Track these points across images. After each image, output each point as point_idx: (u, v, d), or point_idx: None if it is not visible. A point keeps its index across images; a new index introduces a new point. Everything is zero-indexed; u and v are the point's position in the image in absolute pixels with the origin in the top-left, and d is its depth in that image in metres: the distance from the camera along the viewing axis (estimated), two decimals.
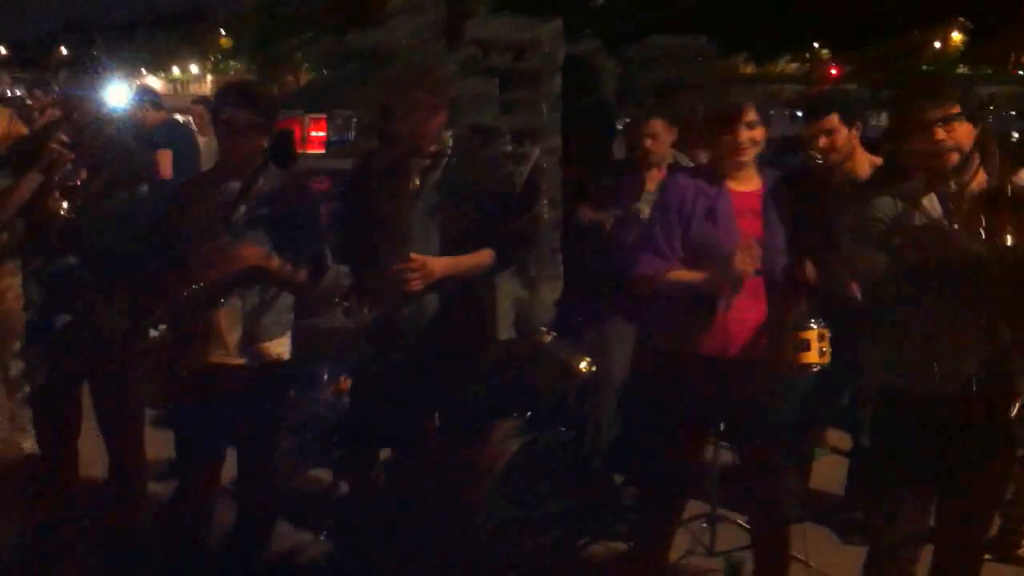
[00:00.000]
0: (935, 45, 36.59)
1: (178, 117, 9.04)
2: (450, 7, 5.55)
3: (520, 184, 4.34)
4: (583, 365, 4.23)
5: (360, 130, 5.74)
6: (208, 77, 40.53)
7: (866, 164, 4.08)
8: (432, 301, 3.22)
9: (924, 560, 2.99)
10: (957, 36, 36.93)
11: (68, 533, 3.64)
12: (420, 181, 3.13)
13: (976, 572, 2.97)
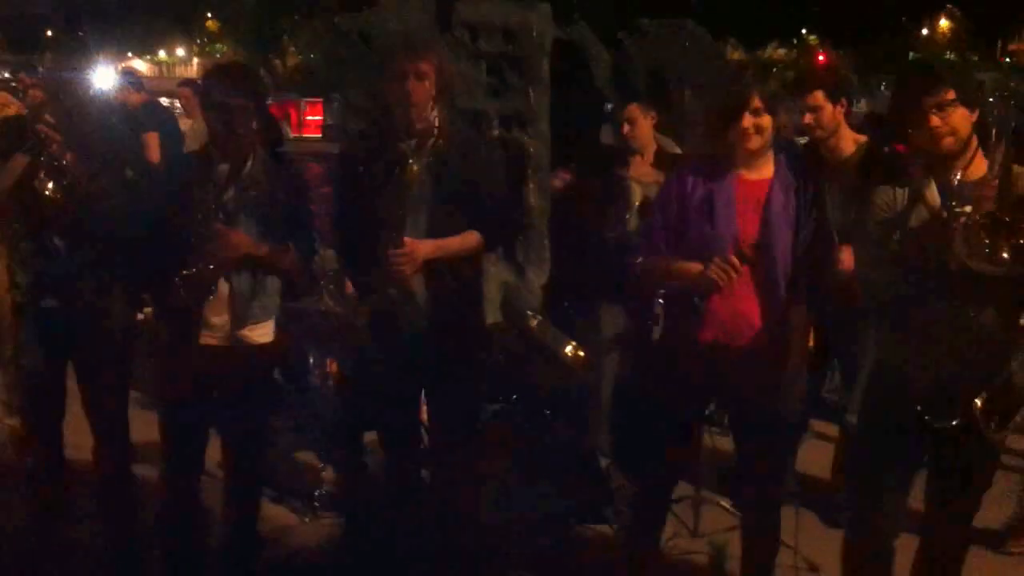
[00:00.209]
0: (923, 32, 36.61)
1: (164, 100, 9.01)
2: None
3: (508, 168, 4.34)
4: (568, 350, 4.24)
5: (350, 113, 5.72)
6: (195, 60, 40.28)
7: (851, 141, 4.14)
8: (420, 284, 3.22)
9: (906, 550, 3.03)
10: (945, 24, 36.93)
11: (54, 515, 3.64)
12: (409, 164, 3.12)
13: (962, 555, 3.00)
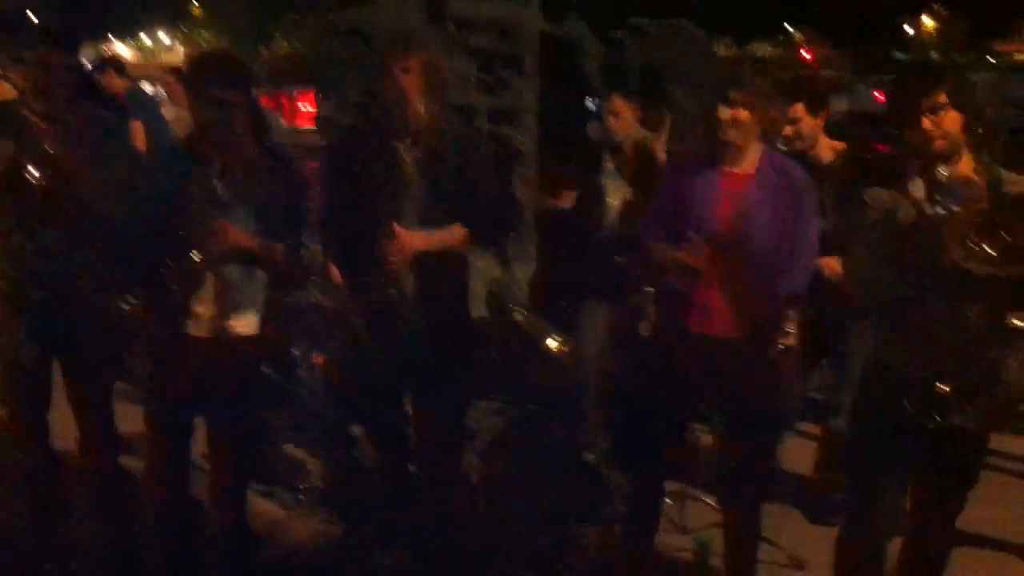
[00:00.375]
0: (908, 31, 36.73)
1: (147, 87, 8.93)
2: None
3: (497, 164, 4.33)
4: (553, 344, 4.24)
5: (341, 107, 5.70)
6: (179, 47, 39.96)
7: (829, 151, 4.16)
8: (409, 278, 3.21)
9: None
10: (930, 23, 37.06)
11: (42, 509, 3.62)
12: (400, 158, 3.11)
13: (946, 554, 3.03)
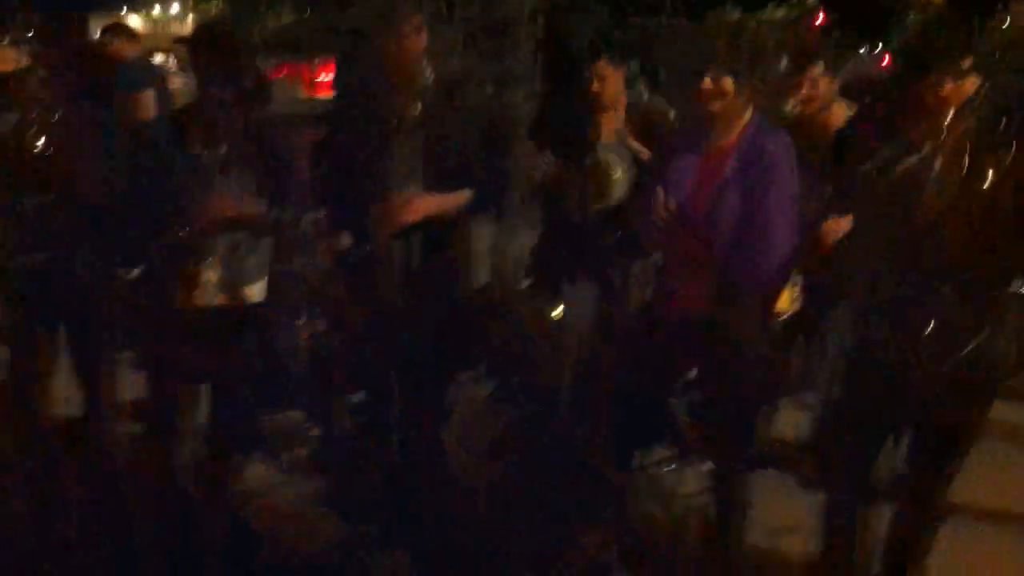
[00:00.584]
0: None
1: (159, 57, 8.93)
2: None
3: (498, 130, 4.34)
4: (555, 313, 4.27)
5: (341, 72, 5.70)
6: (189, 17, 39.69)
7: (842, 114, 4.14)
8: (410, 242, 3.24)
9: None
10: None
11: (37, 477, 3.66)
12: (400, 121, 3.13)
13: (935, 526, 3.05)
